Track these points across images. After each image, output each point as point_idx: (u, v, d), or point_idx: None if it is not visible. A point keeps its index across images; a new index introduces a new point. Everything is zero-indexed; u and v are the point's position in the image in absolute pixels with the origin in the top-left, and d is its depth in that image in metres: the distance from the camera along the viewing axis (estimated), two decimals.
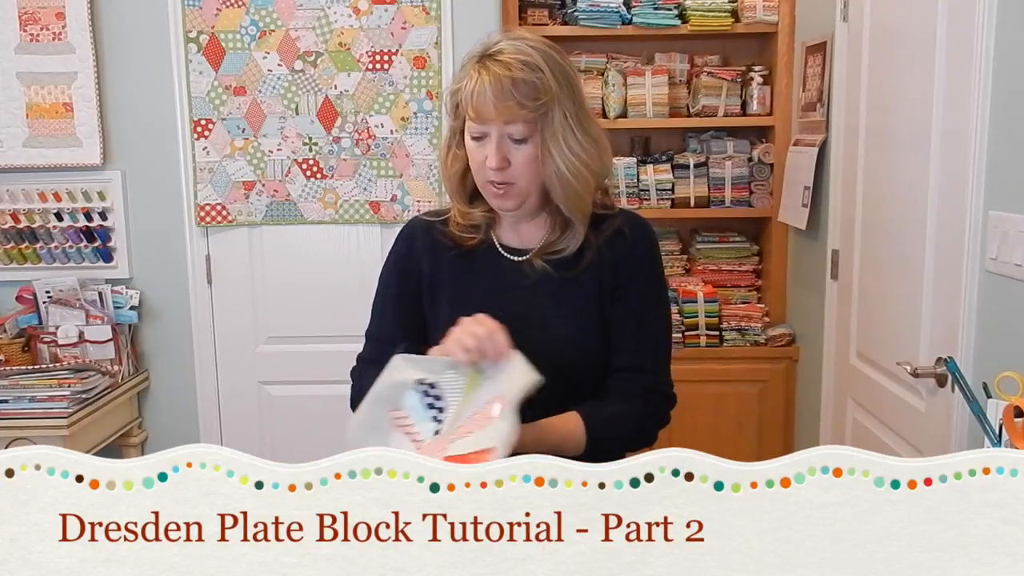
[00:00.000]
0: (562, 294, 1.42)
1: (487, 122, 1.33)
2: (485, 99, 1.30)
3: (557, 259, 1.42)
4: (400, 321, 1.48)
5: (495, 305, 1.40)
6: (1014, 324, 1.57)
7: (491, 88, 1.30)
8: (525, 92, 1.30)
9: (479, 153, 1.35)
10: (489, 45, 1.36)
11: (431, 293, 1.46)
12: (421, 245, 1.48)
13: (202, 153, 2.65)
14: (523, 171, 1.35)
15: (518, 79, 1.30)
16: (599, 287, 1.43)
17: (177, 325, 2.74)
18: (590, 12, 3.05)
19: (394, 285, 1.50)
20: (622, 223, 1.45)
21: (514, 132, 1.33)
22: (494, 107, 1.30)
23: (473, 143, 1.36)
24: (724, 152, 3.20)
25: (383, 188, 2.66)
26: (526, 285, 1.42)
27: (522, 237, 1.46)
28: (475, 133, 1.35)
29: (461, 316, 1.40)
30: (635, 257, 1.44)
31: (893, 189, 2.06)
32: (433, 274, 1.46)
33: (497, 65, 1.31)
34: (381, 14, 2.59)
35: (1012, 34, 1.57)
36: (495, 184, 1.36)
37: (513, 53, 1.32)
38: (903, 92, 2.00)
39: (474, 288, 1.44)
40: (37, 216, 2.67)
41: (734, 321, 3.09)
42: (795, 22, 2.99)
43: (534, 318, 1.41)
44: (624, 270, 1.43)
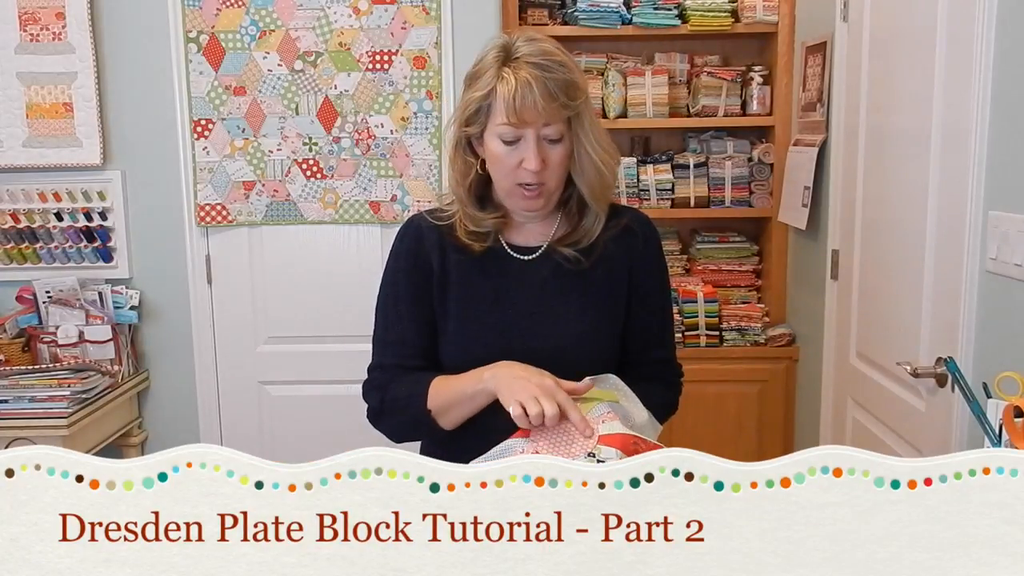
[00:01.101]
0: (571, 291, 1.42)
1: (526, 125, 1.31)
2: (531, 101, 1.29)
3: (565, 255, 1.42)
4: (419, 322, 1.45)
5: (504, 304, 1.42)
6: (1014, 324, 1.56)
7: (537, 89, 1.29)
8: (568, 91, 1.31)
9: (512, 157, 1.34)
10: (508, 47, 1.34)
11: (440, 292, 1.45)
12: (429, 245, 1.45)
13: (202, 153, 2.65)
14: (556, 171, 1.36)
15: (559, 79, 1.30)
16: (610, 284, 1.44)
17: (177, 325, 2.74)
18: (590, 12, 3.05)
19: (406, 284, 1.46)
20: (629, 221, 1.46)
21: (552, 133, 1.33)
22: (542, 108, 1.30)
23: (504, 147, 1.34)
24: (724, 152, 3.20)
25: (383, 188, 2.66)
26: (534, 283, 1.43)
27: (528, 236, 1.46)
28: (509, 137, 1.33)
29: (470, 315, 1.42)
30: (649, 256, 1.48)
31: (893, 189, 2.06)
32: (441, 273, 1.44)
33: (532, 67, 1.30)
34: (381, 14, 2.59)
35: (1012, 34, 1.57)
36: (527, 187, 1.36)
37: (541, 55, 1.32)
38: (903, 92, 2.00)
39: (482, 288, 1.43)
40: (37, 216, 2.67)
41: (734, 321, 3.09)
42: (795, 22, 2.99)
43: (544, 316, 1.41)
44: (641, 269, 1.46)
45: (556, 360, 1.36)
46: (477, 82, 1.35)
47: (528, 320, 1.41)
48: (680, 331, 3.05)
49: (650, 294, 1.48)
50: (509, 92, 1.29)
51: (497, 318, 1.41)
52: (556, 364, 1.35)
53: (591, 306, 1.42)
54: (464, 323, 1.43)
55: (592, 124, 1.36)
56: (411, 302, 1.45)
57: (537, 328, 1.40)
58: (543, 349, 1.38)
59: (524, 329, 1.40)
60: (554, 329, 1.41)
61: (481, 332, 1.42)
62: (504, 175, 1.36)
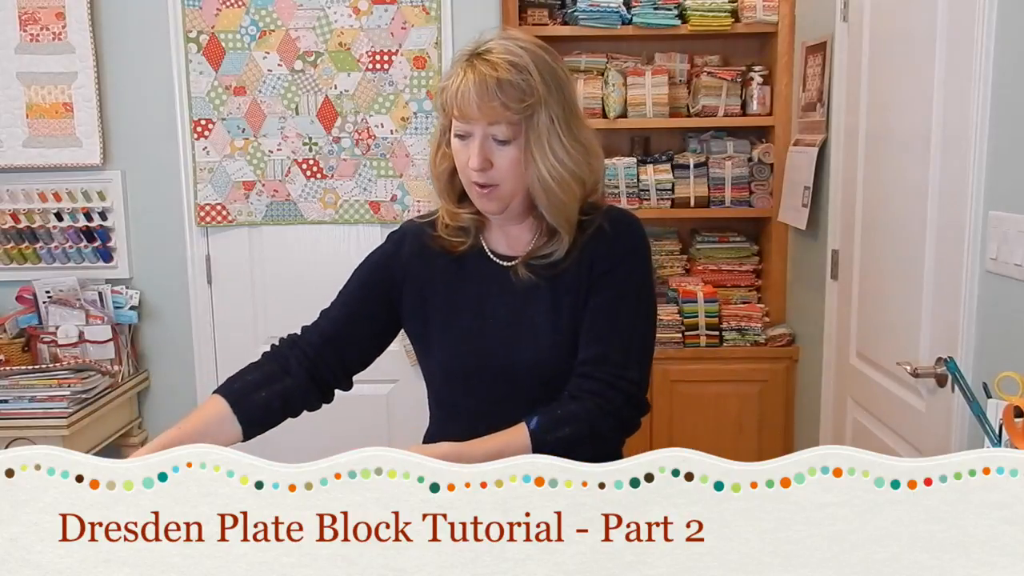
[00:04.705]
0: (549, 299, 1.38)
1: (471, 121, 1.30)
2: (469, 98, 1.28)
3: (541, 264, 1.37)
4: (350, 311, 1.46)
5: (484, 311, 1.40)
6: (1014, 324, 1.56)
7: (475, 87, 1.27)
8: (510, 93, 1.27)
9: (463, 153, 1.33)
10: (479, 44, 1.34)
11: (420, 298, 1.43)
12: (410, 250, 1.45)
13: (202, 153, 2.65)
14: (507, 173, 1.32)
15: (504, 79, 1.27)
16: (577, 290, 1.37)
17: (177, 325, 2.74)
18: (590, 12, 3.05)
19: (365, 276, 1.48)
20: (603, 221, 1.38)
21: (498, 133, 1.30)
22: (477, 107, 1.28)
23: (457, 142, 1.34)
24: (724, 152, 3.20)
25: (383, 188, 2.66)
26: (515, 291, 1.39)
27: (511, 242, 1.42)
28: (459, 132, 1.33)
29: (452, 322, 1.40)
30: (612, 253, 1.37)
31: (893, 189, 2.06)
32: (423, 279, 1.43)
33: (484, 64, 1.29)
34: (381, 14, 2.59)
35: (1012, 34, 1.57)
36: (479, 185, 1.34)
37: (502, 53, 1.30)
38: (903, 92, 2.00)
39: (464, 294, 1.42)
40: (37, 216, 2.67)
41: (734, 321, 3.09)
42: (795, 22, 2.99)
43: (524, 324, 1.38)
44: (600, 265, 1.36)
45: (538, 367, 1.36)
46: (446, 76, 1.36)
47: (507, 330, 1.38)
48: (680, 331, 3.05)
49: (603, 287, 1.35)
50: (454, 86, 1.29)
51: (479, 326, 1.40)
52: (538, 371, 1.35)
53: (562, 316, 1.37)
54: (446, 330, 1.42)
55: (550, 134, 1.30)
56: (358, 292, 1.48)
57: (514, 339, 1.38)
58: (520, 362, 1.37)
59: (503, 339, 1.38)
60: (535, 338, 1.37)
61: (462, 340, 1.40)
62: (460, 170, 1.36)
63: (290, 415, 1.44)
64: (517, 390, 1.37)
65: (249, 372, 1.42)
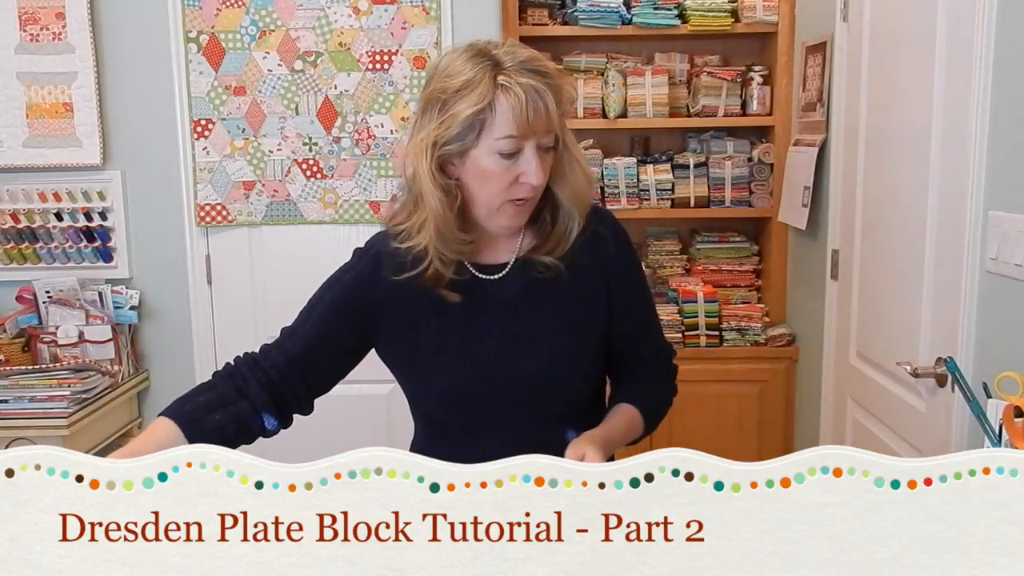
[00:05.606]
0: (544, 307, 1.34)
1: (532, 135, 1.23)
2: (541, 110, 1.21)
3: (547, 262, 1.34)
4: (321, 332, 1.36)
5: (477, 330, 1.34)
6: (1014, 324, 1.56)
7: (530, 101, 1.20)
8: (553, 95, 1.23)
9: (510, 172, 1.24)
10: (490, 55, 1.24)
11: (406, 323, 1.35)
12: (388, 272, 1.34)
13: (202, 153, 2.65)
14: (546, 179, 1.28)
15: (555, 85, 1.24)
16: (584, 295, 1.36)
17: (177, 325, 2.74)
18: (590, 12, 3.05)
19: (338, 298, 1.38)
20: (596, 225, 1.37)
21: (548, 140, 1.25)
22: (553, 116, 1.23)
23: (501, 163, 1.23)
24: (724, 152, 3.20)
25: (383, 188, 2.66)
26: (507, 304, 1.34)
27: (495, 253, 1.36)
28: (507, 150, 1.23)
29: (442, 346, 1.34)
30: (622, 258, 1.39)
31: (893, 189, 2.06)
32: (405, 302, 1.34)
33: (529, 75, 1.21)
34: (381, 14, 2.59)
35: (1012, 34, 1.57)
36: (518, 201, 1.27)
37: (530, 59, 1.24)
38: (903, 92, 2.00)
39: (449, 314, 1.34)
40: (37, 216, 2.67)
41: (734, 321, 3.09)
42: (795, 22, 2.99)
43: (519, 338, 1.33)
44: (616, 274, 1.38)
45: (538, 382, 1.32)
46: (466, 96, 1.22)
47: (504, 344, 1.33)
48: (680, 331, 3.05)
49: (630, 295, 1.40)
50: (519, 102, 1.20)
51: (472, 346, 1.33)
52: (539, 386, 1.32)
53: (566, 321, 1.34)
54: (437, 355, 1.34)
55: (566, 128, 1.31)
56: (323, 320, 1.37)
57: (514, 351, 1.33)
58: (523, 373, 1.32)
59: (501, 354, 1.33)
60: (532, 350, 1.32)
61: (456, 362, 1.33)
62: (497, 191, 1.26)
63: (244, 441, 1.31)
64: (517, 402, 1.33)
65: (201, 393, 1.31)
